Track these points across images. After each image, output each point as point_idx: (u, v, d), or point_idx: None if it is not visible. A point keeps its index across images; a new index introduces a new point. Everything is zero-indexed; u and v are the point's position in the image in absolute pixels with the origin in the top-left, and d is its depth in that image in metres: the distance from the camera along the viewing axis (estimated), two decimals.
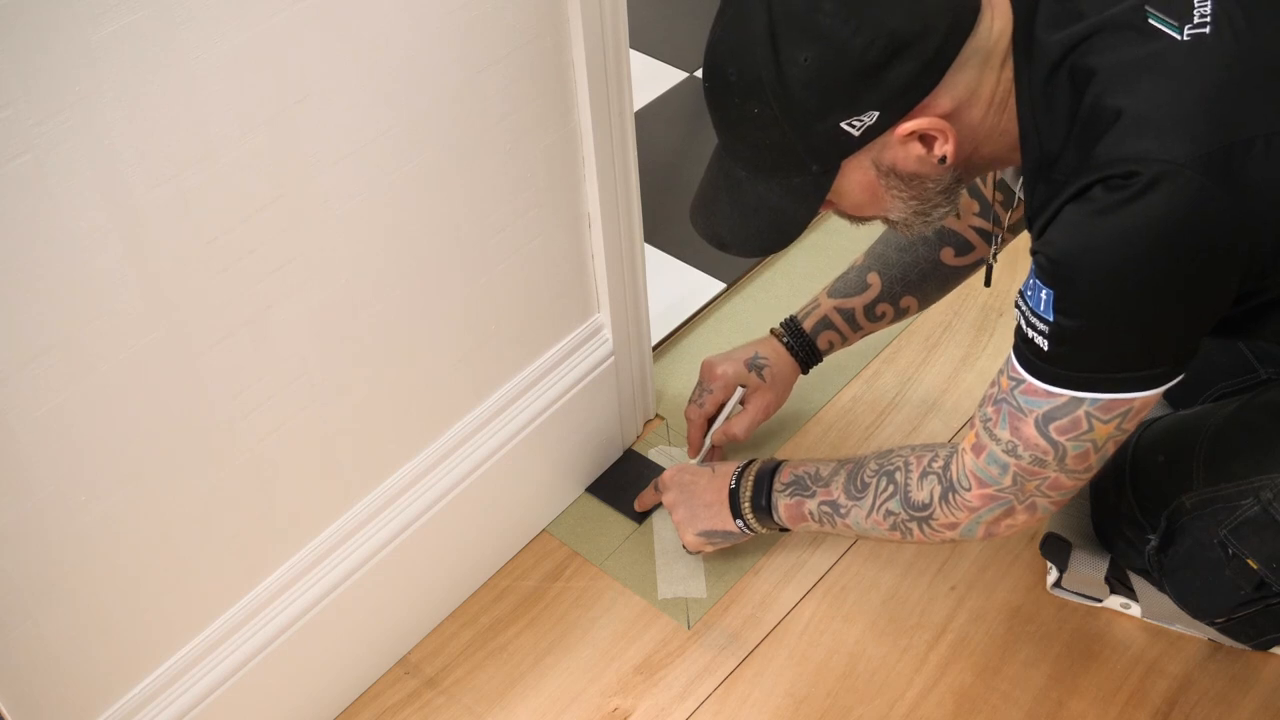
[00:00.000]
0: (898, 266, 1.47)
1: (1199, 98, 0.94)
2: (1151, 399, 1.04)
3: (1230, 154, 0.93)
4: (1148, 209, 0.94)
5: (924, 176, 1.06)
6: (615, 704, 1.39)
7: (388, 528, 1.33)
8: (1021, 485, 1.12)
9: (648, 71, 2.22)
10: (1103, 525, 1.36)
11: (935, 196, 1.08)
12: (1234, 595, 1.23)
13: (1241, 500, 1.18)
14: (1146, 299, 0.98)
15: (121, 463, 1.04)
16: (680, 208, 1.96)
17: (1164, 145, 0.93)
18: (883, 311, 1.49)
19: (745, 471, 1.39)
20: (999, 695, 1.38)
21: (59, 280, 0.92)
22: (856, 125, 1.00)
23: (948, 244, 1.44)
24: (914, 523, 1.22)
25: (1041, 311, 1.01)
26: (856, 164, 1.04)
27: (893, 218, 1.11)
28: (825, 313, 1.51)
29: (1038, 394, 1.05)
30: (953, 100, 1.01)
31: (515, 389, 1.42)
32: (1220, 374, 1.40)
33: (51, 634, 1.06)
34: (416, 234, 1.20)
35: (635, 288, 1.51)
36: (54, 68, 0.85)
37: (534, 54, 1.21)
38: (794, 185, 1.06)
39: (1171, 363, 1.03)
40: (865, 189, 1.07)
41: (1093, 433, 1.06)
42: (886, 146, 1.03)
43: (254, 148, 1.00)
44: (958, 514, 1.18)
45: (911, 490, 1.22)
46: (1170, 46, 0.96)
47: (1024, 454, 1.09)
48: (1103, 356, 1.02)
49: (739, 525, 1.39)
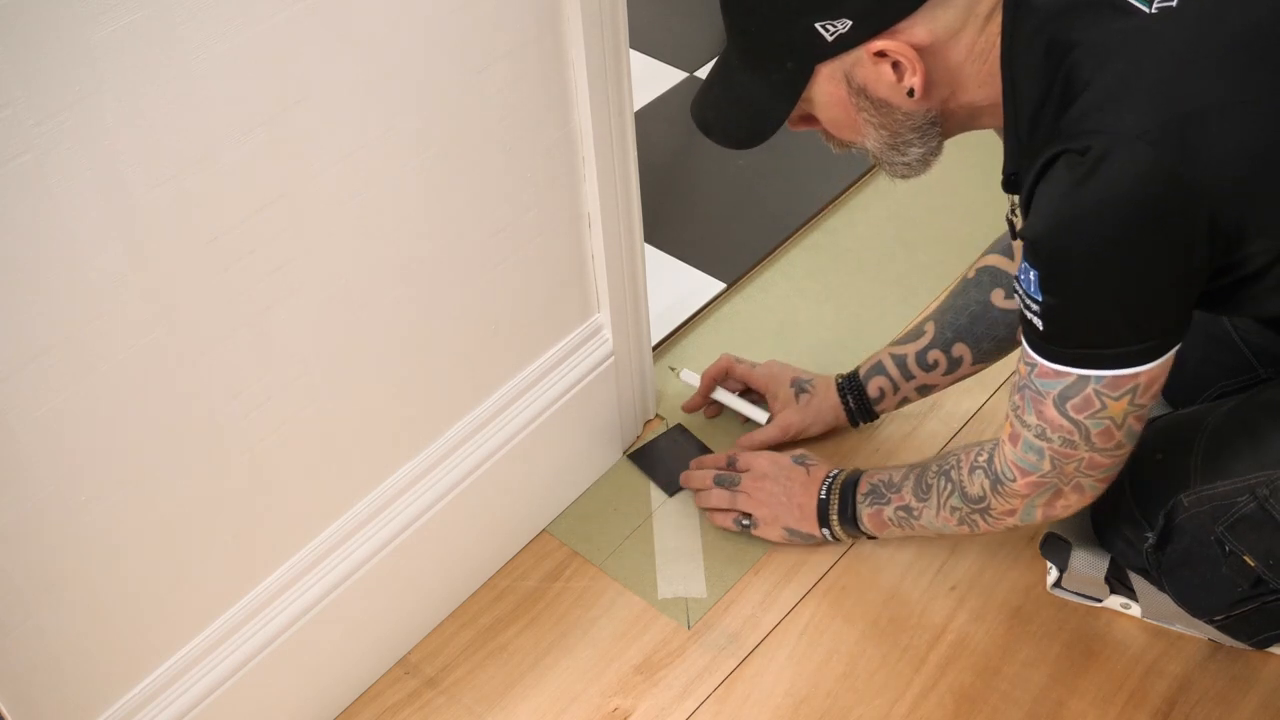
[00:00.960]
0: (951, 311, 1.48)
1: (1156, 70, 0.98)
2: (1157, 371, 1.07)
3: (1184, 124, 0.96)
4: (1101, 183, 0.97)
5: (894, 106, 1.10)
6: (615, 704, 1.39)
7: (388, 528, 1.33)
8: (1061, 468, 1.16)
9: (648, 71, 2.22)
10: (1101, 524, 1.36)
11: (907, 133, 1.12)
12: (1231, 592, 1.23)
13: (1238, 498, 1.19)
14: (1114, 272, 1.01)
15: (122, 463, 1.04)
16: (680, 208, 1.98)
17: (1118, 117, 0.97)
18: (935, 360, 1.49)
19: (833, 483, 1.45)
20: (999, 695, 1.38)
21: (59, 280, 0.92)
22: (829, 30, 1.04)
23: (999, 285, 1.44)
24: (976, 514, 1.28)
25: (1032, 292, 1.05)
26: (829, 73, 1.08)
27: (868, 146, 1.15)
28: (879, 358, 1.53)
29: (1049, 375, 1.09)
30: (930, 34, 1.04)
31: (515, 389, 1.43)
32: (1221, 373, 1.40)
33: (51, 634, 1.06)
34: (416, 234, 1.20)
35: (635, 288, 1.51)
36: (54, 68, 0.85)
37: (534, 54, 1.21)
38: (773, 81, 1.11)
39: (1160, 334, 1.05)
40: (838, 103, 1.11)
41: (1106, 410, 1.09)
42: (859, 63, 1.07)
43: (254, 148, 1.00)
44: (1011, 501, 1.23)
45: (965, 486, 1.27)
46: (1140, 22, 0.99)
47: (1053, 437, 1.13)
48: (1091, 332, 1.05)
49: (824, 533, 1.47)
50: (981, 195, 1.86)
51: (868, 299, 1.80)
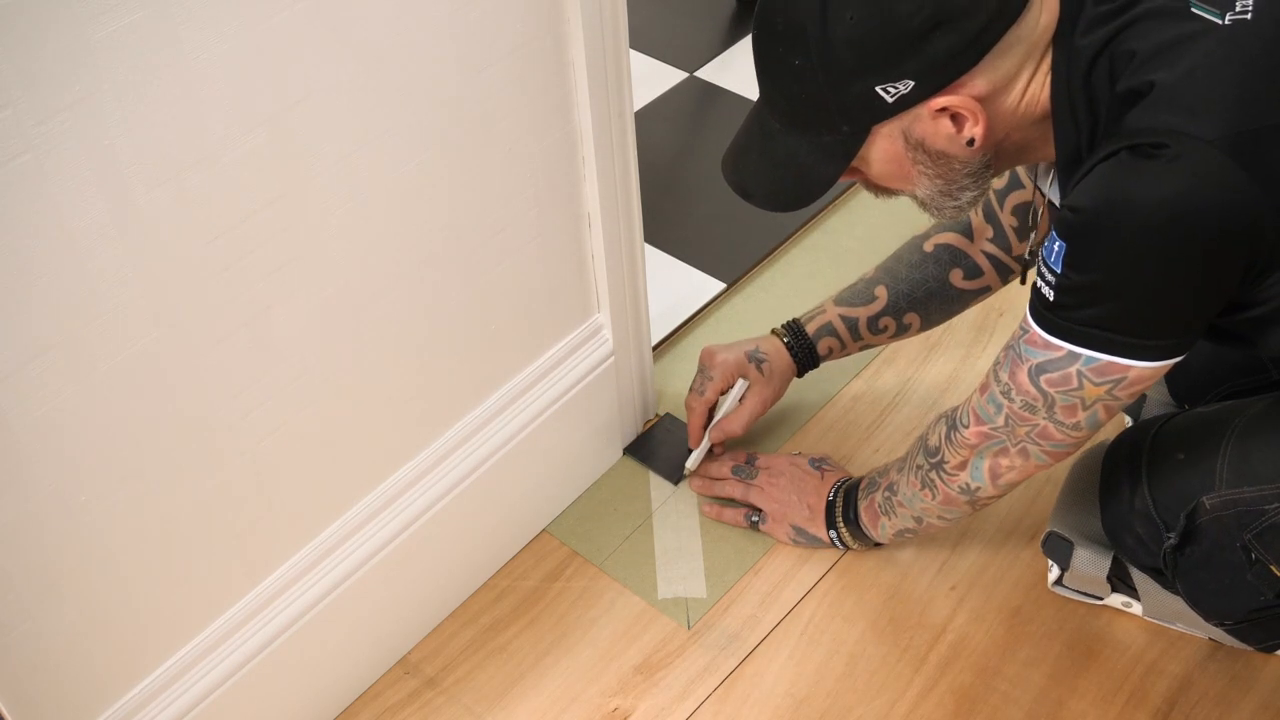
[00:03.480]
0: (906, 282, 1.49)
1: (1233, 80, 0.96)
2: (1145, 374, 1.06)
3: (1258, 138, 0.94)
4: (1171, 180, 0.95)
5: (952, 157, 1.08)
6: (615, 704, 1.39)
7: (388, 528, 1.33)
8: (1013, 429, 1.17)
9: (648, 71, 2.22)
10: (1112, 520, 1.34)
11: (962, 179, 1.11)
12: (1254, 599, 1.22)
13: (1267, 505, 1.17)
14: (1155, 266, 1.00)
15: (121, 463, 1.04)
16: (680, 208, 1.98)
17: (1194, 121, 0.95)
18: (885, 325, 1.51)
19: (842, 487, 1.47)
20: (999, 695, 1.38)
21: (59, 280, 0.92)
22: (891, 92, 1.02)
23: (959, 265, 1.46)
24: (933, 472, 1.28)
25: (1051, 263, 1.04)
26: (886, 132, 1.06)
27: (919, 195, 1.13)
28: (829, 319, 1.53)
29: (1038, 344, 1.09)
30: (989, 84, 1.03)
31: (515, 389, 1.43)
32: (1231, 372, 1.40)
33: (51, 634, 1.06)
34: (416, 234, 1.20)
35: (635, 288, 1.51)
36: (54, 68, 0.85)
37: (534, 54, 1.21)
38: (824, 143, 1.08)
39: (1169, 338, 1.04)
40: (893, 160, 1.09)
41: (1081, 390, 1.09)
42: (918, 119, 1.05)
43: (254, 148, 1.00)
44: (961, 453, 1.23)
45: (928, 437, 1.29)
46: (1210, 29, 0.97)
47: (1016, 398, 1.14)
48: (1103, 313, 1.04)
49: (831, 535, 1.48)
50: None
51: None
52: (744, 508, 1.53)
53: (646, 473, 1.61)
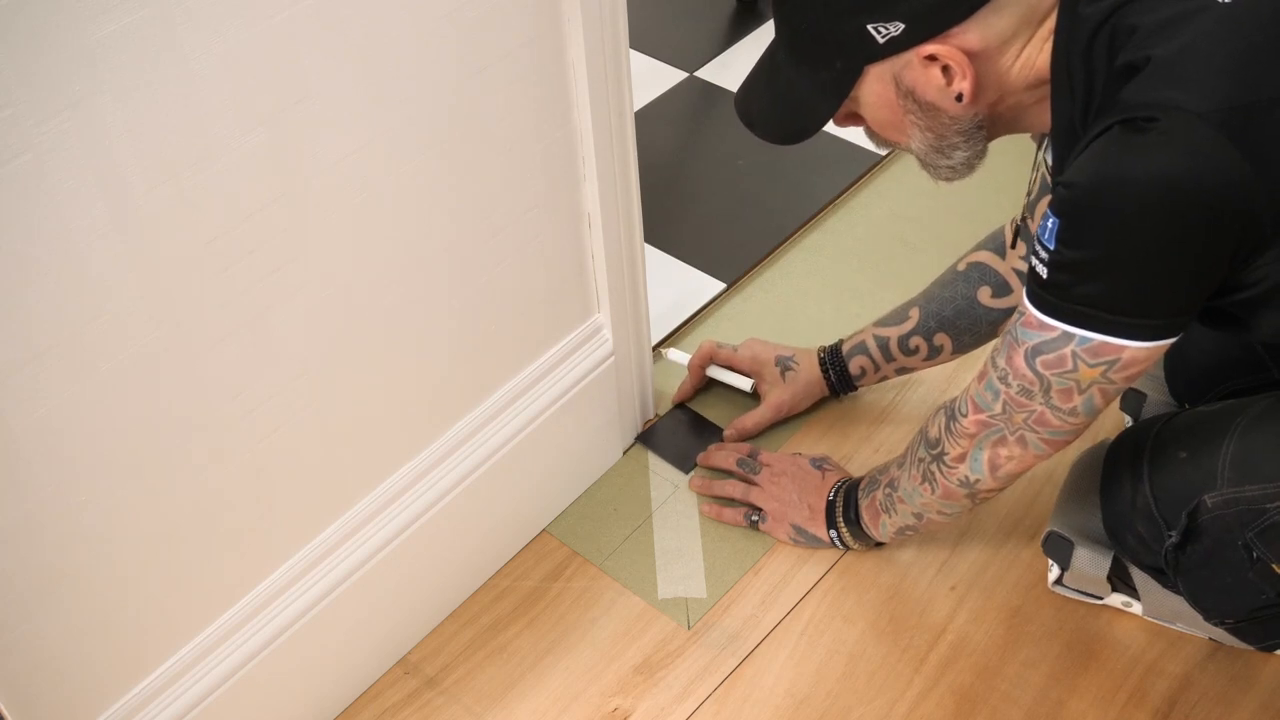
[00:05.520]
0: (937, 301, 1.51)
1: (1227, 56, 0.96)
2: (1140, 355, 1.06)
3: (1249, 113, 0.95)
4: (1161, 154, 0.96)
5: (942, 110, 1.10)
6: (615, 704, 1.39)
7: (388, 528, 1.33)
8: (1010, 415, 1.17)
9: (648, 71, 2.22)
10: (1113, 519, 1.34)
11: (953, 136, 1.12)
12: (1255, 598, 1.22)
13: (1268, 504, 1.16)
14: (1146, 240, 1.00)
15: (121, 463, 1.04)
16: (680, 208, 1.98)
17: (1186, 95, 0.95)
18: (916, 345, 1.53)
19: (843, 487, 1.48)
20: (999, 695, 1.38)
21: (59, 280, 0.92)
22: (882, 32, 1.05)
23: (987, 283, 1.47)
24: (934, 464, 1.28)
25: (1045, 240, 1.04)
26: (878, 74, 1.09)
27: (913, 147, 1.16)
28: (864, 338, 1.58)
29: (1032, 324, 1.09)
30: (982, 40, 1.04)
31: (515, 389, 1.43)
32: (1232, 370, 1.39)
33: (51, 634, 1.06)
34: (416, 234, 1.20)
35: (635, 288, 1.51)
36: (54, 68, 0.85)
37: (534, 54, 1.21)
38: (820, 79, 1.11)
39: (1162, 317, 1.04)
40: (885, 104, 1.11)
41: (1076, 373, 1.09)
42: (908, 66, 1.07)
43: (254, 148, 1.00)
44: (961, 443, 1.23)
45: (928, 429, 1.29)
46: (1210, 7, 0.98)
47: (1013, 383, 1.14)
48: (1097, 292, 1.04)
49: (831, 535, 1.48)
50: (982, 196, 1.87)
51: (868, 299, 1.80)
52: (744, 507, 1.54)
53: (647, 473, 1.61)
